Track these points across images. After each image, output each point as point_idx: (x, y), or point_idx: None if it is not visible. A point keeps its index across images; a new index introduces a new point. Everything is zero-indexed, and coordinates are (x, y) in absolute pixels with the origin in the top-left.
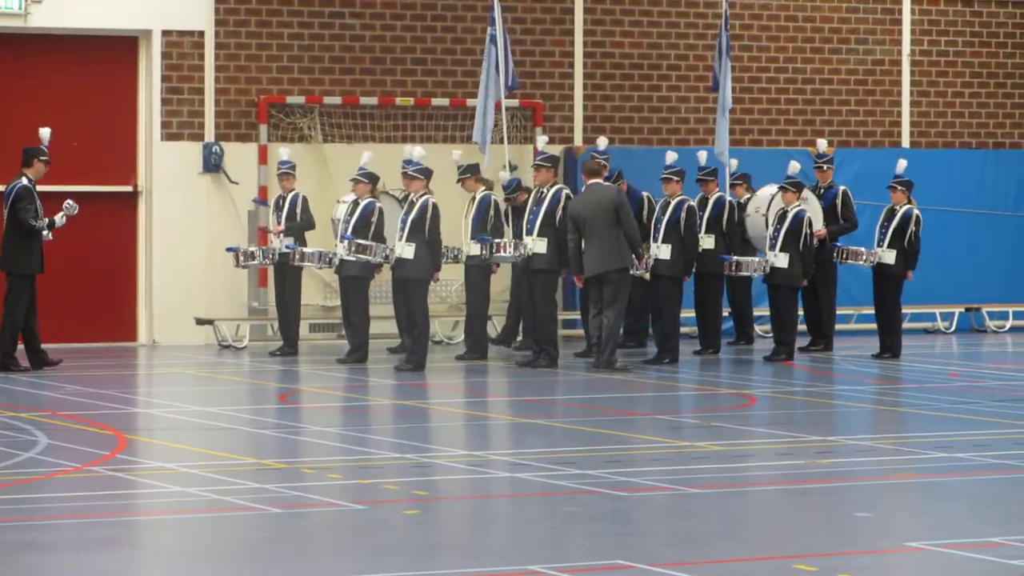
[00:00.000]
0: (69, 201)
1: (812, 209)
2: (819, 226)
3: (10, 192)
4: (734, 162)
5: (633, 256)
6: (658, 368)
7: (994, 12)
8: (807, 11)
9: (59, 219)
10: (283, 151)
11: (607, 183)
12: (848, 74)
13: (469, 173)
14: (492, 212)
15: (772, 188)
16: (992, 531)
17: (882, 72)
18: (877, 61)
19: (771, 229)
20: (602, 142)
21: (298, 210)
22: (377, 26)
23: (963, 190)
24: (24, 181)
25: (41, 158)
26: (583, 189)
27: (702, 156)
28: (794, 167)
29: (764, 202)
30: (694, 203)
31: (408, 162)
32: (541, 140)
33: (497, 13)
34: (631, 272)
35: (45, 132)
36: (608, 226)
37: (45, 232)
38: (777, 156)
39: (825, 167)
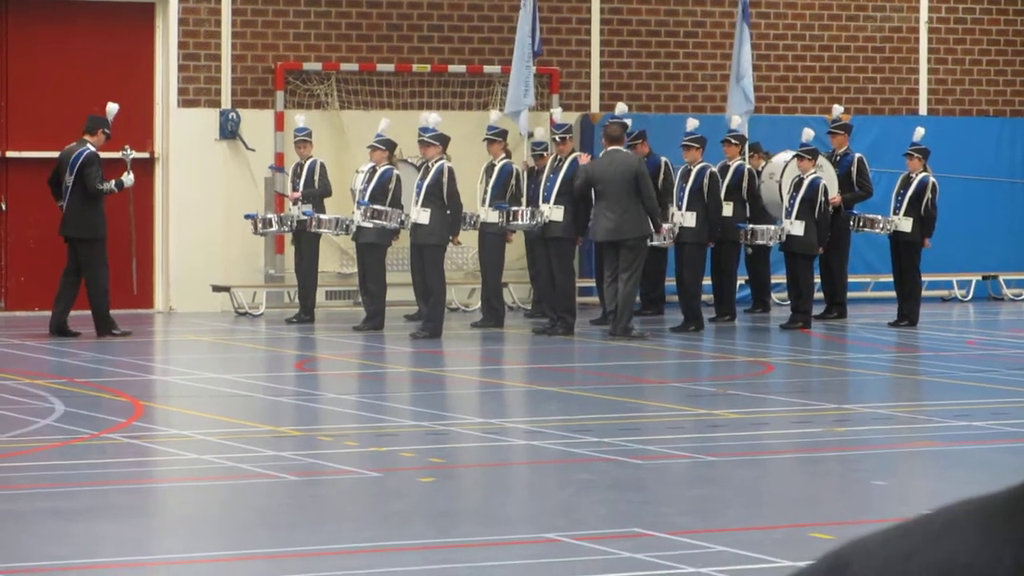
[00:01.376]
0: (127, 147)
1: (827, 176)
2: (834, 193)
3: (77, 157)
4: (735, 120)
5: (652, 226)
6: (681, 335)
7: None
8: None
9: (127, 179)
10: (298, 118)
11: (627, 151)
12: (865, 41)
13: (501, 137)
14: (514, 181)
15: (786, 155)
16: None
17: (899, 39)
18: (894, 28)
19: (787, 197)
20: (621, 108)
21: (316, 177)
22: None
23: (980, 158)
24: (90, 147)
25: (105, 130)
26: (601, 154)
27: (735, 120)
28: (808, 135)
29: (778, 168)
30: (716, 169)
31: (424, 129)
32: (556, 112)
33: None
34: (651, 242)
35: (113, 107)
36: (627, 194)
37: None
38: (794, 123)
39: (839, 133)
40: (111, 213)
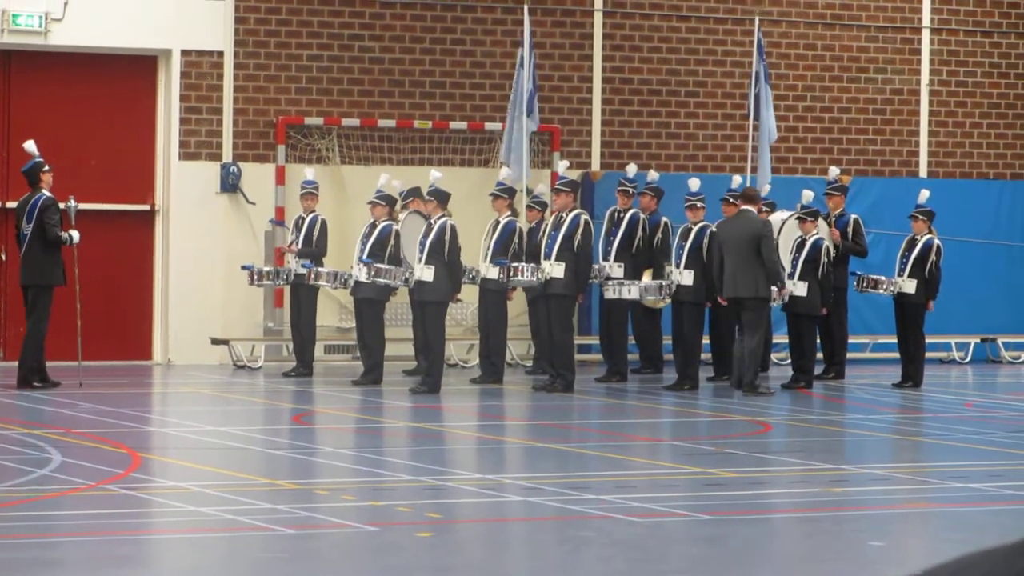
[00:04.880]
0: (71, 198)
1: (823, 236)
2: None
3: (35, 204)
4: (765, 188)
5: (773, 287)
6: (677, 394)
7: (1013, 43)
8: (826, 40)
9: (74, 235)
10: (308, 171)
11: (754, 212)
12: (866, 103)
13: (507, 194)
14: (516, 239)
15: (784, 213)
16: None
17: (900, 102)
18: (896, 90)
19: (789, 258)
20: (631, 169)
21: (315, 234)
22: (396, 48)
23: (980, 220)
24: (46, 193)
25: (44, 170)
26: (735, 213)
27: (736, 180)
28: (808, 196)
29: (776, 226)
30: (716, 229)
31: (430, 186)
32: (561, 165)
33: (526, 36)
34: (770, 302)
35: (30, 144)
36: (747, 254)
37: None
38: (794, 184)
39: (836, 194)
40: (101, 263)
